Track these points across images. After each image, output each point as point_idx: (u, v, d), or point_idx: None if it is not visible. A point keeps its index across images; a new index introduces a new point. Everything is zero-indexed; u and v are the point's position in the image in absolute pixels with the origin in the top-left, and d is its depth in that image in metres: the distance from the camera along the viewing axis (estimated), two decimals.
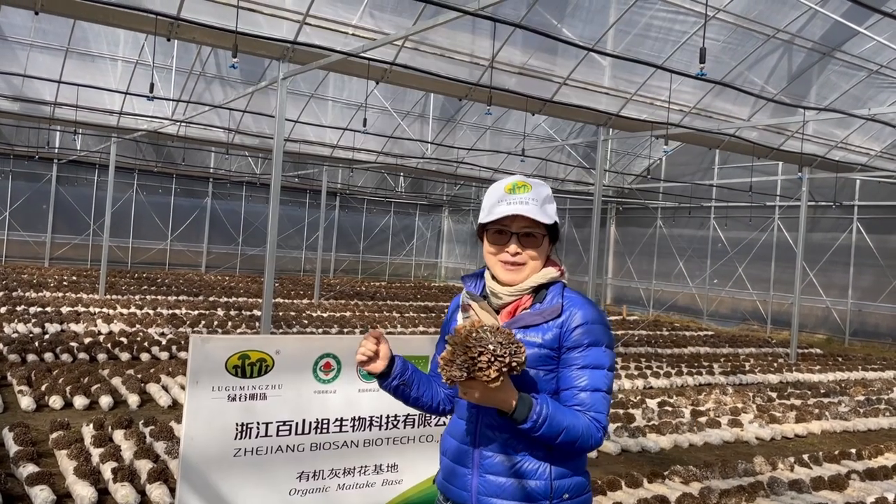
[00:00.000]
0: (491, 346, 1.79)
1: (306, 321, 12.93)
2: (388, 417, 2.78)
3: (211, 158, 22.05)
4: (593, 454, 6.31)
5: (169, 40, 7.87)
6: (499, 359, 1.78)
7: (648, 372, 10.19)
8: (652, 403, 8.34)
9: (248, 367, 2.44)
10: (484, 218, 2.07)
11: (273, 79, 8.58)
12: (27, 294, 13.97)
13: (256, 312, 13.71)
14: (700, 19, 9.41)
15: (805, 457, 6.39)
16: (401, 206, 27.02)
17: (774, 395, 9.32)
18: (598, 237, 10.73)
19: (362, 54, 7.69)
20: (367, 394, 2.73)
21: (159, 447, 5.26)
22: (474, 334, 1.82)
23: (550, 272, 2.07)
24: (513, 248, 2.04)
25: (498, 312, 2.06)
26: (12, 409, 6.45)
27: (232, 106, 13.96)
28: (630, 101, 10.92)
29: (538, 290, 2.06)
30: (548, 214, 2.05)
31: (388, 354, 2.06)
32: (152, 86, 7.83)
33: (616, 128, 11.36)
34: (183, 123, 14.50)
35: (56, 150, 19.79)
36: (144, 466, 4.75)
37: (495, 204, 2.04)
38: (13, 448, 5.11)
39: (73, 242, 21.39)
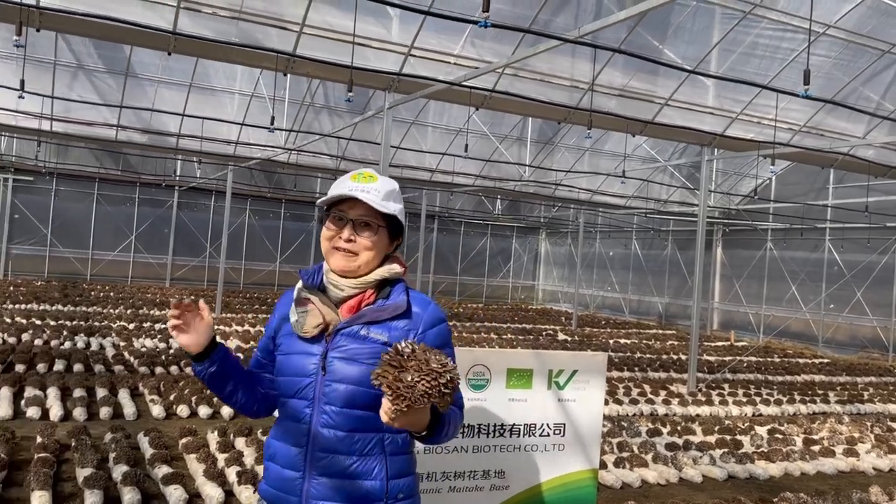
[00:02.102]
0: (450, 375, 1.70)
1: (403, 342, 13.24)
2: (494, 426, 2.94)
3: (317, 184, 23.03)
4: (698, 479, 6.21)
5: (285, 75, 8.44)
6: (450, 386, 1.70)
7: (758, 399, 9.86)
8: (761, 431, 8.08)
9: None
10: (323, 200, 2.01)
11: (379, 108, 9.00)
12: (152, 312, 15.04)
13: None
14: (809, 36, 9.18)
15: None
16: (498, 228, 27.22)
17: (895, 425, 8.81)
18: (703, 260, 10.51)
19: (464, 83, 7.97)
20: (475, 402, 2.90)
21: None
22: (436, 357, 1.70)
23: (395, 268, 2.01)
24: (346, 233, 1.97)
25: (337, 306, 1.99)
26: (145, 416, 7.03)
27: (339, 134, 14.63)
28: (735, 121, 10.71)
29: (381, 287, 2.01)
30: (388, 207, 1.98)
31: (209, 334, 1.95)
32: (273, 119, 8.39)
33: (721, 148, 11.15)
34: (294, 151, 15.29)
35: (177, 178, 21.26)
36: None
37: (338, 191, 1.99)
38: (149, 451, 5.59)
39: (192, 264, 22.77)
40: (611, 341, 15.84)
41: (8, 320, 12.01)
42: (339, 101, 15.44)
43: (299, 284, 2.04)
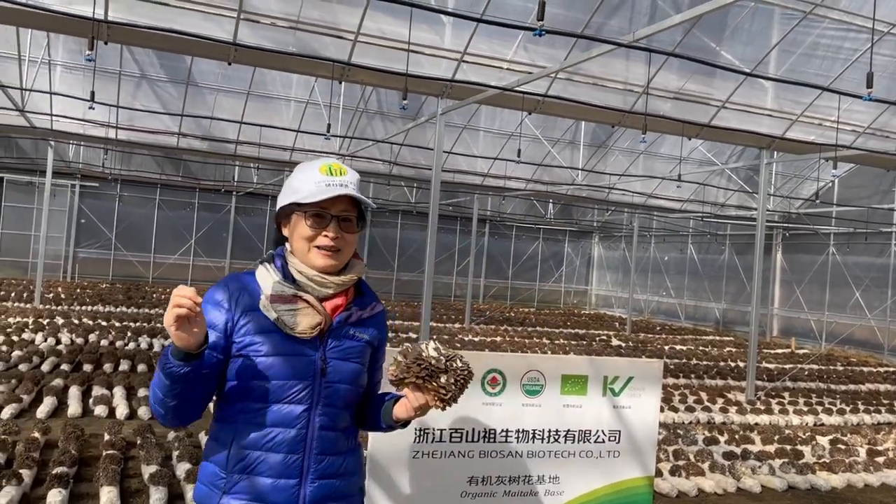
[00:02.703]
0: (470, 368, 1.92)
1: (459, 345, 13.31)
2: (549, 431, 2.95)
3: (370, 189, 23.31)
4: (757, 489, 6.09)
5: (340, 83, 8.59)
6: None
7: (819, 408, 9.58)
8: (823, 441, 7.85)
9: None
10: (303, 198, 1.88)
11: (432, 114, 9.09)
12: None
13: (412, 335, 14.30)
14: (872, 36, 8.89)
15: None
16: (550, 232, 27.07)
17: None
18: (763, 265, 10.27)
19: (516, 88, 7.98)
20: (531, 408, 2.92)
21: None
22: (455, 354, 1.90)
23: (363, 264, 2.02)
24: (332, 231, 1.90)
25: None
26: (206, 415, 7.21)
27: (392, 140, 14.79)
28: (796, 123, 10.44)
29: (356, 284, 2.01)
30: (365, 200, 1.97)
31: (205, 331, 1.75)
32: (329, 126, 8.55)
33: (780, 150, 10.89)
34: (348, 157, 15.52)
35: (235, 184, 21.81)
36: None
37: (314, 185, 1.89)
38: None
39: (248, 267, 23.26)
40: (666, 347, 15.59)
41: (76, 321, 12.51)
42: (392, 106, 15.61)
43: (277, 278, 1.90)
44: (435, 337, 14.20)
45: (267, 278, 1.91)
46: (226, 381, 1.90)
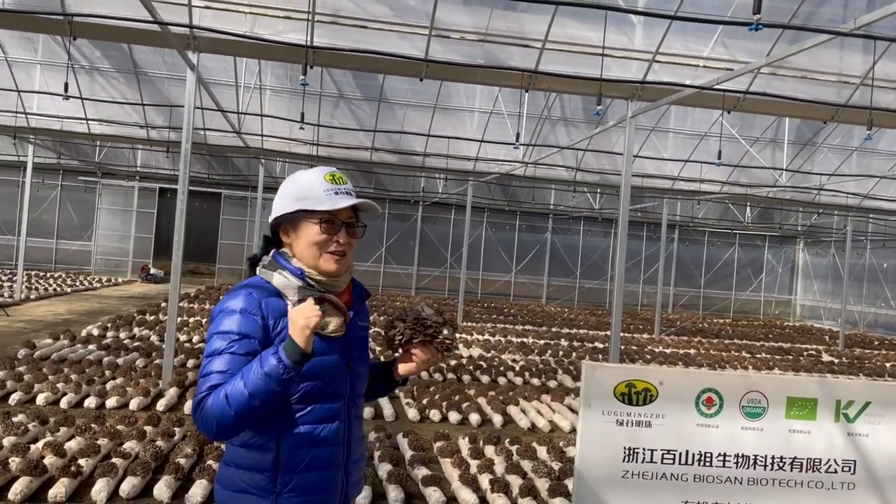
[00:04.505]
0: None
1: (649, 356, 12.80)
2: (772, 458, 2.71)
3: (551, 195, 23.19)
4: None
5: (526, 91, 8.61)
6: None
7: None
8: None
9: (634, 396, 2.61)
10: (316, 205, 1.96)
11: (621, 118, 8.83)
12: None
13: (598, 345, 13.96)
14: None
15: None
16: (747, 237, 25.29)
17: None
18: None
19: (716, 86, 7.54)
20: (751, 432, 2.70)
21: (526, 465, 5.70)
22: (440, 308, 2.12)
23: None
24: (343, 237, 2.01)
25: None
26: (401, 418, 7.53)
27: (576, 146, 14.60)
28: None
29: None
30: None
31: None
32: (518, 136, 8.60)
33: None
34: (531, 164, 15.54)
35: (422, 194, 22.65)
36: (515, 482, 5.21)
37: (323, 193, 1.97)
38: (408, 452, 5.97)
39: (434, 274, 24.07)
40: (888, 364, 13.96)
41: None
42: (575, 112, 15.41)
43: (298, 283, 1.96)
44: (425, 300, 13.78)
45: (287, 284, 1.97)
46: None
